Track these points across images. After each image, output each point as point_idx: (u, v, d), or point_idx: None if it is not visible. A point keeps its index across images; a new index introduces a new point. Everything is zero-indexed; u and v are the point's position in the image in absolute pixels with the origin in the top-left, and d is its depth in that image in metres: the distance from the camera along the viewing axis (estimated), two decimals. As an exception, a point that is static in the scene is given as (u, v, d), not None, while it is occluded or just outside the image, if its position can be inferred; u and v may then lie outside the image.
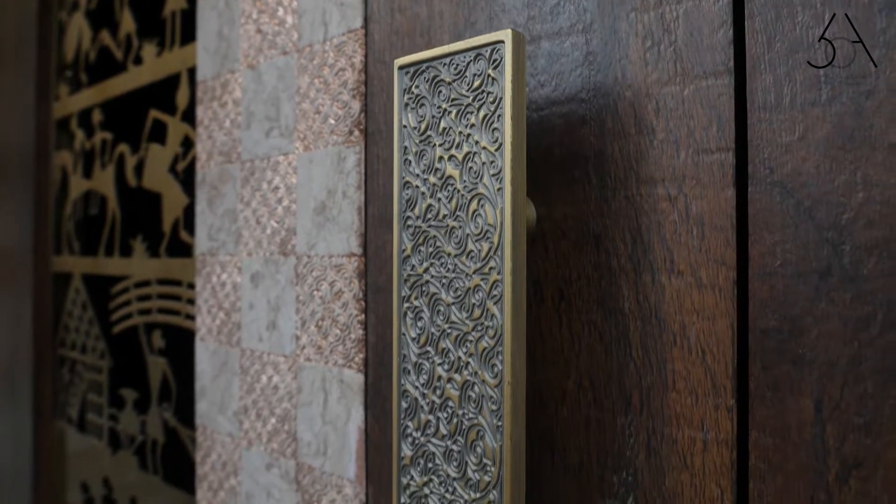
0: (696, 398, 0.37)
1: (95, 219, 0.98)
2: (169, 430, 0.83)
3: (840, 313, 0.32)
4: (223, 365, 0.70)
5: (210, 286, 0.72)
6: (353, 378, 0.56)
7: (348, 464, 0.57)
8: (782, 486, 0.34)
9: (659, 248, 0.39)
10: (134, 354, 0.89)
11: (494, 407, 0.38)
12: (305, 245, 0.60)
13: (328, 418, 0.58)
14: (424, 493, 0.42)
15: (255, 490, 0.66)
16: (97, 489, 0.98)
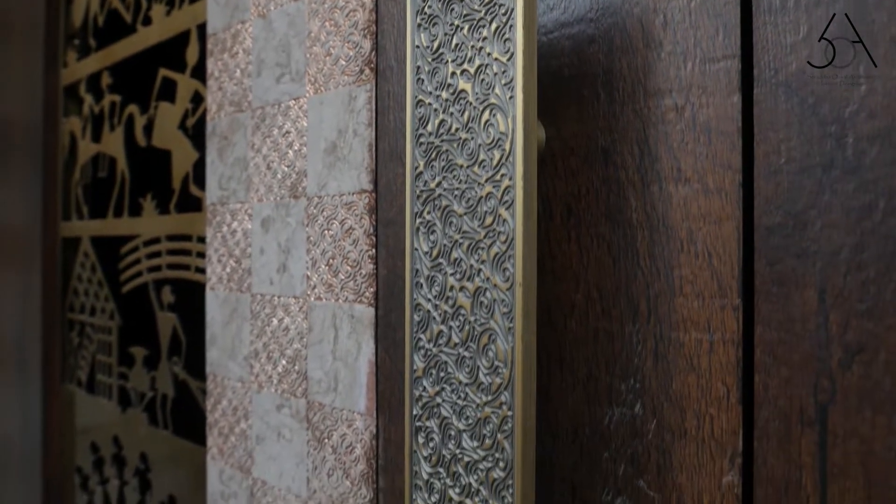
0: (702, 301, 0.38)
1: (104, 181, 0.99)
2: (179, 384, 0.84)
3: (843, 204, 0.33)
4: (233, 311, 0.72)
5: (220, 235, 0.73)
6: (363, 312, 0.57)
7: (359, 398, 0.58)
8: (787, 377, 0.35)
9: (666, 157, 0.40)
10: (143, 312, 0.91)
11: (506, 310, 0.39)
12: (316, 186, 0.61)
13: (339, 354, 0.59)
14: (436, 402, 0.43)
15: (266, 432, 0.67)
16: (107, 448, 0.99)
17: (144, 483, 0.91)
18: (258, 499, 0.69)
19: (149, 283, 0.89)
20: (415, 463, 0.44)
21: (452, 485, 0.42)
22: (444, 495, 0.42)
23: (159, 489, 0.88)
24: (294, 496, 0.64)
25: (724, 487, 0.38)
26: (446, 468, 0.42)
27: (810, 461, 0.35)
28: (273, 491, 0.67)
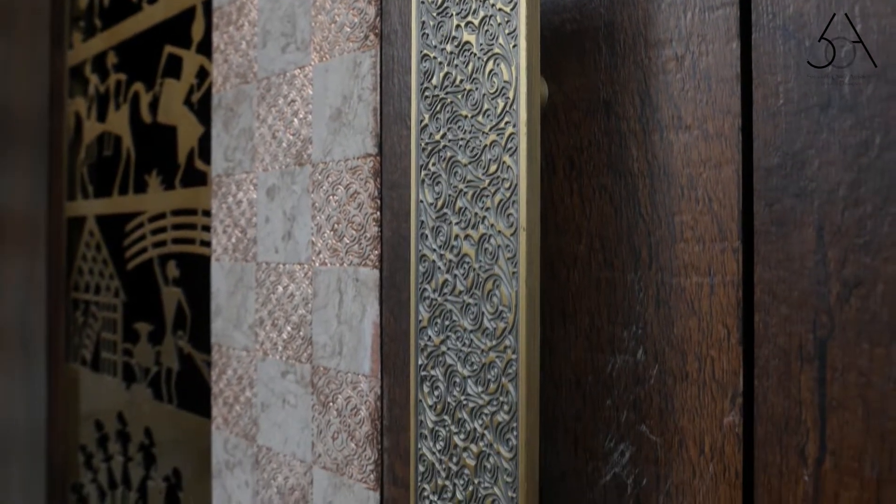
0: (703, 245, 0.39)
1: (110, 160, 1.00)
2: (183, 357, 0.85)
3: (840, 141, 0.34)
4: (238, 281, 0.72)
5: (226, 206, 0.74)
6: (368, 275, 0.58)
7: (363, 360, 0.58)
8: (786, 314, 0.36)
9: (666, 106, 0.40)
10: (148, 288, 0.91)
11: (510, 255, 0.39)
12: (321, 152, 0.62)
13: (343, 318, 0.60)
14: (441, 350, 0.43)
15: (271, 399, 0.68)
16: (111, 425, 1.00)
17: (149, 458, 0.92)
18: (262, 465, 0.69)
19: (153, 258, 0.90)
20: (420, 412, 0.45)
21: (457, 431, 0.42)
22: (449, 442, 0.43)
23: (164, 463, 0.89)
24: (299, 461, 0.65)
25: (726, 428, 0.38)
26: (451, 415, 0.43)
27: (810, 396, 0.35)
28: (278, 457, 0.67)
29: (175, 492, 0.87)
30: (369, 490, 0.58)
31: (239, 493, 0.73)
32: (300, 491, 0.65)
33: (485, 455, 0.41)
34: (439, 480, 0.44)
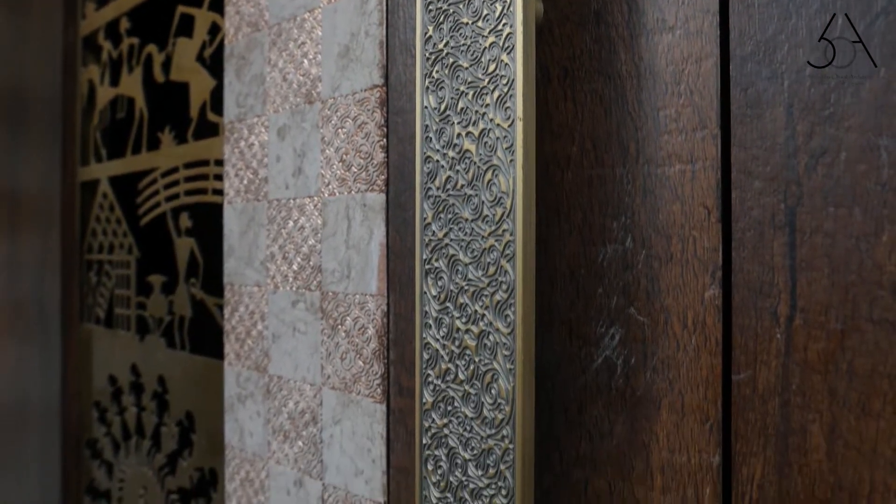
0: (685, 135, 0.43)
1: (123, 122, 1.04)
2: (196, 303, 0.88)
3: (807, 24, 0.38)
4: (250, 220, 0.76)
5: (238, 150, 0.78)
6: (375, 199, 0.61)
7: (371, 280, 0.62)
8: (760, 189, 0.39)
9: (651, 10, 0.44)
10: (161, 241, 0.95)
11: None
12: (330, 89, 0.66)
13: (352, 242, 0.63)
14: (444, 242, 0.47)
15: (282, 329, 0.71)
16: (124, 378, 1.03)
17: (162, 405, 0.95)
18: (273, 394, 0.73)
19: (166, 212, 0.93)
20: (424, 304, 0.48)
21: (459, 315, 0.46)
22: (452, 327, 0.46)
23: (176, 408, 0.92)
24: (308, 385, 0.68)
25: (707, 301, 0.42)
26: (454, 301, 0.46)
27: (781, 261, 0.39)
28: (288, 384, 0.71)
29: (188, 434, 0.90)
30: (376, 403, 0.61)
31: (251, 423, 0.76)
32: (310, 413, 0.68)
33: (485, 334, 0.44)
34: (443, 364, 0.47)
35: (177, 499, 0.92)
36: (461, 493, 0.46)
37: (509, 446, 0.43)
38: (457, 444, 0.46)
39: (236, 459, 0.78)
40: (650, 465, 0.44)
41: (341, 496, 0.65)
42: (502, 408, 0.43)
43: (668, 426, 0.43)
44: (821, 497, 0.37)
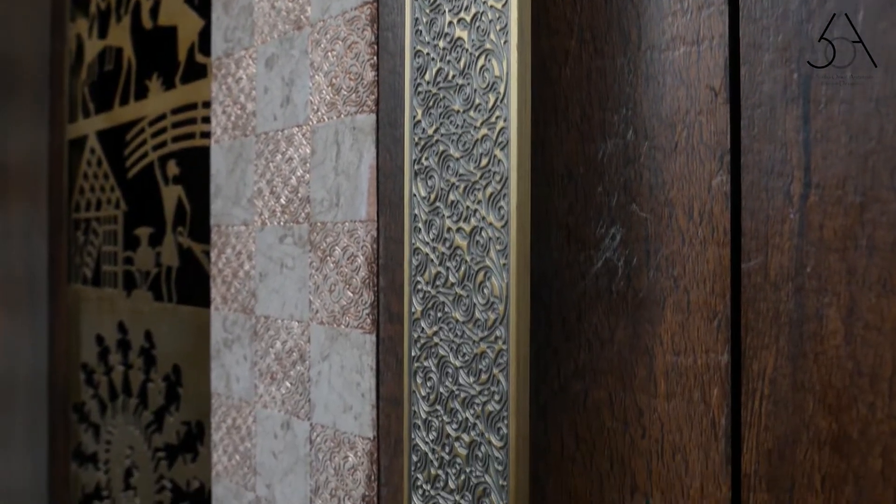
0: (690, 14, 0.40)
1: (110, 74, 1.01)
2: (183, 252, 0.85)
3: None
4: (238, 157, 0.73)
5: (225, 87, 0.75)
6: (364, 121, 0.59)
7: (360, 206, 0.59)
8: (771, 61, 0.37)
9: None
10: (148, 192, 0.92)
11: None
12: (320, 11, 0.63)
13: (341, 168, 0.61)
14: (435, 139, 0.44)
15: (269, 267, 0.69)
16: (111, 336, 1.01)
17: (149, 361, 0.92)
18: (260, 335, 0.70)
19: (154, 161, 0.91)
20: (413, 206, 0.45)
21: (450, 214, 0.43)
22: (442, 227, 0.44)
23: (163, 363, 0.89)
24: (296, 322, 0.65)
25: (714, 189, 0.39)
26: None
27: (794, 136, 0.36)
28: (275, 324, 0.68)
29: (174, 388, 0.87)
30: (365, 334, 0.58)
31: (237, 368, 0.73)
32: (298, 352, 0.65)
33: (477, 230, 0.42)
34: (433, 269, 0.44)
35: (163, 456, 0.89)
36: (452, 403, 0.43)
37: (503, 347, 0.40)
38: (447, 353, 0.43)
39: (223, 407, 0.76)
40: (653, 371, 0.41)
41: (329, 435, 0.62)
42: (495, 307, 0.41)
43: (673, 327, 0.41)
44: (838, 385, 0.35)
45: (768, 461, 0.37)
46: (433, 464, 0.44)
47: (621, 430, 0.43)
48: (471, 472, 0.42)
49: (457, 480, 0.43)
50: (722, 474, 0.39)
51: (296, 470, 0.66)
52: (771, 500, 0.37)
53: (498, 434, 0.40)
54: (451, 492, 0.43)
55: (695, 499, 0.40)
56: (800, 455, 0.36)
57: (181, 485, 0.86)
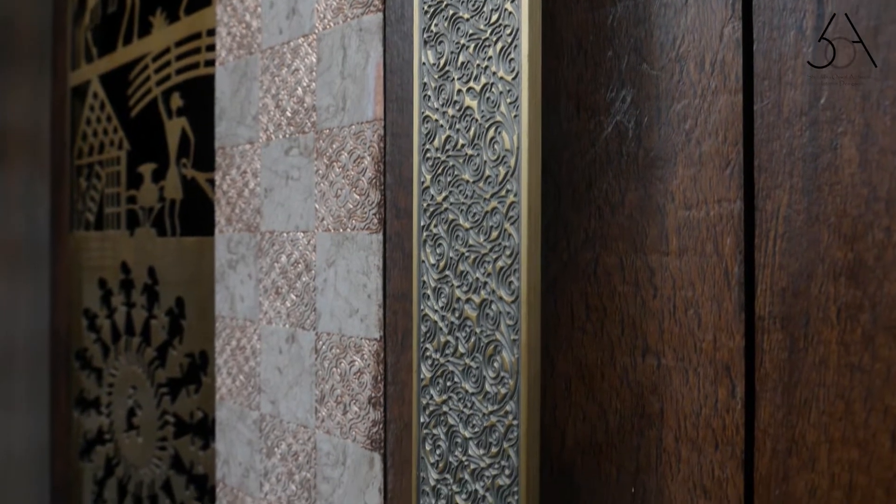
0: None
1: (114, 16, 1.01)
2: (187, 184, 0.85)
3: None
4: (242, 76, 0.73)
5: (230, 7, 0.75)
6: (371, 21, 0.58)
7: (367, 106, 0.59)
8: None
9: None
10: (152, 128, 0.92)
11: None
12: (325, -83, 0.63)
13: (347, 72, 0.60)
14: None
15: (274, 181, 0.68)
16: (114, 278, 1.00)
17: (152, 297, 0.92)
18: (265, 251, 0.70)
19: (157, 96, 0.90)
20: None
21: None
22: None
23: (166, 298, 0.89)
24: (301, 233, 0.65)
25: (726, 37, 0.39)
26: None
27: None
28: (280, 238, 0.68)
29: (178, 321, 0.87)
30: (372, 234, 0.58)
31: (242, 288, 0.73)
32: (303, 263, 0.65)
33: (487, 87, 0.41)
34: (442, 134, 0.44)
35: (166, 391, 0.89)
36: (462, 265, 0.43)
37: (514, 200, 0.40)
38: (457, 216, 0.43)
39: (227, 329, 0.75)
40: (665, 229, 0.41)
41: (335, 341, 0.62)
42: (506, 161, 0.41)
43: (685, 182, 0.40)
44: (853, 213, 0.34)
45: (782, 300, 0.37)
46: (442, 331, 0.44)
47: (632, 293, 0.43)
48: (481, 331, 0.42)
49: (467, 343, 0.42)
50: (735, 322, 0.38)
51: (301, 382, 0.65)
52: (785, 338, 0.36)
53: (509, 289, 0.40)
54: (462, 356, 0.43)
55: (707, 352, 0.39)
56: (815, 289, 0.35)
57: (184, 417, 0.86)
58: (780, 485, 0.37)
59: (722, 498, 0.39)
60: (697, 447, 0.40)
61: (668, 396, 0.41)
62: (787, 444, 0.37)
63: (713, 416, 0.39)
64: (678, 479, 0.41)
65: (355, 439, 0.60)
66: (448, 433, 0.44)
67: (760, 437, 0.38)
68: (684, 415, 0.40)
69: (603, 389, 0.44)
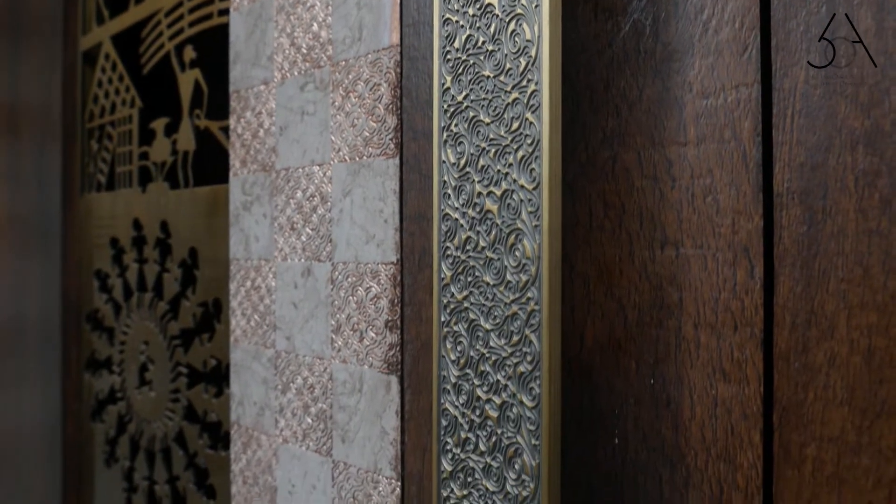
0: None
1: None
2: (200, 134, 0.86)
3: None
4: (258, 18, 0.74)
5: (244, -47, 0.76)
6: (387, -51, 0.59)
7: (383, 34, 0.60)
8: None
9: None
10: (164, 84, 0.93)
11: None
12: None
13: (363, 2, 0.61)
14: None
15: (289, 118, 0.69)
16: (126, 236, 1.01)
17: (164, 251, 0.93)
18: (280, 188, 0.70)
19: (170, 51, 0.91)
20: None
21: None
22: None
23: (179, 249, 0.90)
24: (317, 166, 0.66)
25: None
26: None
27: None
28: (296, 173, 0.68)
29: (191, 272, 0.88)
30: (389, 159, 0.59)
31: (256, 228, 0.74)
32: (319, 196, 0.66)
33: None
34: (462, 33, 0.45)
35: (179, 343, 0.90)
36: (483, 160, 0.44)
37: (535, 89, 0.41)
38: (478, 112, 0.44)
39: (241, 271, 0.76)
40: (683, 119, 0.42)
41: (351, 269, 0.62)
42: (527, 52, 0.41)
43: (703, 71, 0.41)
44: (870, 82, 0.35)
45: (801, 175, 0.37)
46: (463, 227, 0.45)
47: (651, 187, 0.43)
48: (502, 222, 0.42)
49: (488, 236, 0.43)
50: (753, 203, 0.39)
51: (316, 314, 0.66)
52: (804, 212, 0.37)
53: (530, 176, 0.41)
54: (483, 249, 0.43)
55: (726, 236, 0.40)
56: (832, 160, 0.36)
57: (197, 367, 0.87)
58: (800, 357, 0.37)
59: (741, 379, 0.40)
60: (717, 332, 0.40)
61: (686, 285, 0.42)
62: (806, 316, 0.37)
63: (732, 299, 0.40)
64: (697, 365, 0.41)
65: (371, 365, 0.60)
66: (469, 328, 0.44)
67: (779, 312, 0.38)
68: (703, 301, 0.41)
69: (621, 286, 0.45)
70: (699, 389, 0.41)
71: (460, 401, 0.45)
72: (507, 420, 0.42)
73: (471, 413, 0.44)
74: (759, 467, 0.39)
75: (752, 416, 0.39)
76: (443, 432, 0.46)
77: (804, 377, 0.37)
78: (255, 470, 0.74)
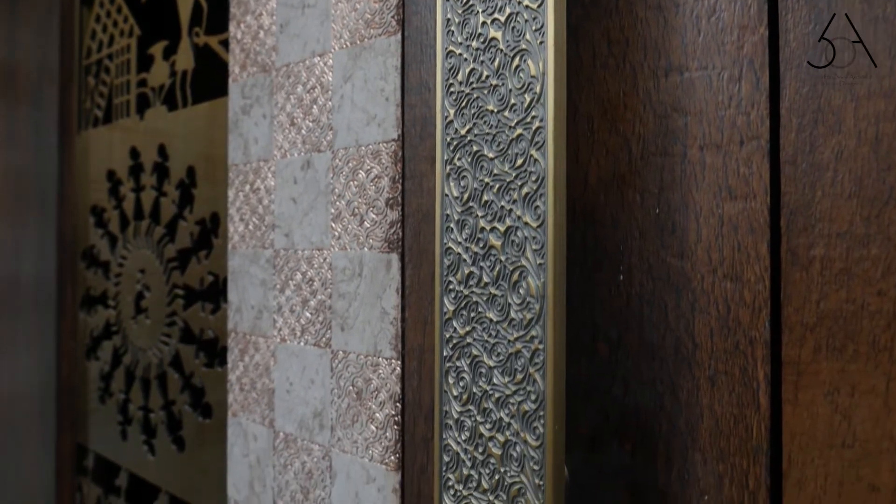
0: None
1: None
2: (199, 51, 0.86)
3: None
4: (258, -79, 0.74)
5: None
6: None
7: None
8: None
9: None
10: (163, 8, 0.92)
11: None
12: None
13: None
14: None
15: (289, 14, 0.69)
16: (122, 167, 1.00)
17: (162, 175, 0.92)
18: (280, 85, 0.70)
19: (170, -27, 0.91)
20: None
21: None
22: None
23: (177, 170, 0.89)
24: (318, 57, 0.66)
25: None
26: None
27: None
28: (295, 69, 0.68)
29: (189, 191, 0.87)
30: (390, 37, 0.59)
31: (256, 130, 0.73)
32: (320, 86, 0.66)
33: None
34: None
35: (175, 265, 0.89)
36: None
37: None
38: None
39: (240, 176, 0.76)
40: None
41: (352, 154, 0.62)
42: None
43: None
44: None
45: None
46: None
47: (655, 17, 0.43)
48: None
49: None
50: (758, 15, 0.39)
51: (316, 206, 0.66)
52: (810, 12, 0.37)
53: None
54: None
55: (731, 52, 0.40)
56: (839, -46, 0.36)
57: (193, 286, 0.86)
58: (807, 157, 0.37)
59: (748, 194, 0.39)
60: (723, 150, 0.40)
61: (692, 109, 0.42)
62: (812, 115, 0.37)
63: (738, 114, 0.40)
64: (703, 186, 0.41)
65: (371, 247, 0.60)
66: (473, 160, 0.44)
67: (786, 115, 0.38)
68: (709, 121, 0.41)
69: (626, 119, 0.44)
70: (705, 211, 0.41)
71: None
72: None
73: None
74: (766, 280, 0.39)
75: (758, 228, 0.39)
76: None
77: (811, 177, 0.37)
78: (253, 375, 0.73)
